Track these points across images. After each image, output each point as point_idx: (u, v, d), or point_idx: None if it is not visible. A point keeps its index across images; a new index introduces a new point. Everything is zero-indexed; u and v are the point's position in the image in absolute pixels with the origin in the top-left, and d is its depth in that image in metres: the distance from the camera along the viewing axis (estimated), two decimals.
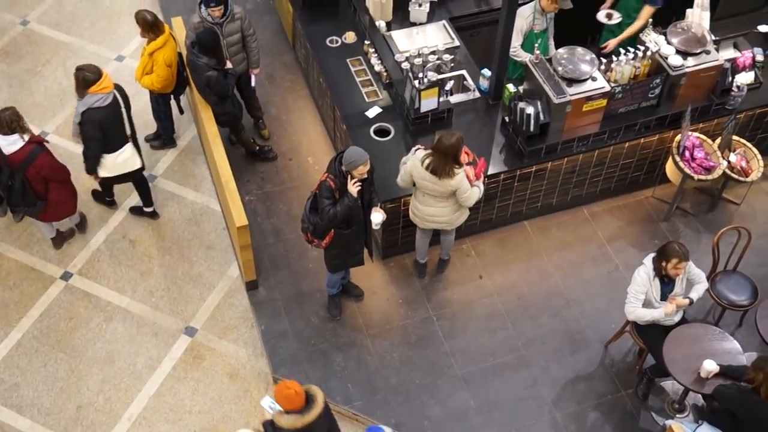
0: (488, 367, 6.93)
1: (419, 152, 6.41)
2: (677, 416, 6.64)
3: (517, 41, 7.62)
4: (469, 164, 6.44)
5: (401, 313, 7.25)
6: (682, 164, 7.33)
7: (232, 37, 7.59)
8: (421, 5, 8.04)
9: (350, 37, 8.11)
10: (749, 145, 7.64)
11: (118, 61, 9.31)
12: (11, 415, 6.71)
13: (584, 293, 7.39)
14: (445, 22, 8.09)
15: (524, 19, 7.60)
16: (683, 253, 6.08)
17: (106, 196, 7.93)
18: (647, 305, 6.30)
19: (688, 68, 7.24)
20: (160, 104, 8.01)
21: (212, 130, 7.44)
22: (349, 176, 6.11)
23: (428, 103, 7.17)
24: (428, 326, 7.16)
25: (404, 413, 6.66)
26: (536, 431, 6.61)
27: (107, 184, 7.65)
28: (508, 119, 7.27)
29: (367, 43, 7.92)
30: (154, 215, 7.94)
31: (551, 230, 7.81)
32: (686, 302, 6.30)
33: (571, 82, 6.98)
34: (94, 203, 8.00)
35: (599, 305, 7.30)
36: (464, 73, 7.69)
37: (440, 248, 7.36)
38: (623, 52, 7.18)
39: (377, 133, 7.34)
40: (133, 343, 7.13)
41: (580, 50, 7.12)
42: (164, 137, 8.44)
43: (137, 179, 7.60)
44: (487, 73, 7.48)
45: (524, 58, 7.52)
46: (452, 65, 7.68)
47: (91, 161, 7.17)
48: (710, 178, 7.33)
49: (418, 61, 7.41)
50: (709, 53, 7.31)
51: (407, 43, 7.87)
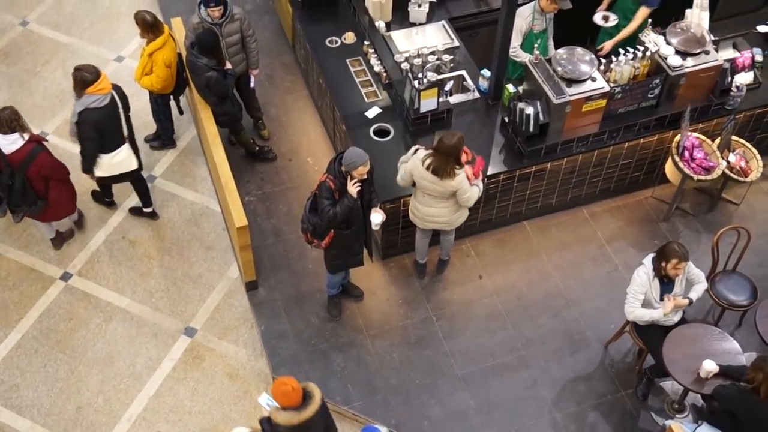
0: (488, 367, 6.93)
1: (420, 152, 6.40)
2: (677, 416, 6.64)
3: (516, 41, 7.61)
4: (467, 163, 6.44)
5: (401, 313, 7.25)
6: (681, 164, 7.33)
7: (231, 37, 7.59)
8: (420, 6, 8.04)
9: (350, 37, 8.11)
10: (748, 145, 7.65)
11: (117, 61, 9.31)
12: (11, 415, 6.71)
13: (584, 293, 7.39)
14: (444, 22, 8.09)
15: (524, 19, 7.60)
16: (683, 253, 6.08)
17: (105, 196, 7.93)
18: (647, 305, 6.30)
19: (687, 68, 7.24)
20: (159, 105, 8.01)
21: (212, 130, 7.44)
22: (348, 177, 6.11)
23: (428, 103, 7.17)
24: (428, 326, 7.16)
25: (404, 413, 6.66)
26: (536, 431, 6.61)
27: (104, 183, 7.64)
28: (507, 119, 7.27)
29: (366, 43, 7.92)
30: (153, 216, 7.94)
31: (551, 230, 7.81)
32: (686, 302, 6.30)
33: (570, 82, 6.98)
34: (93, 203, 8.00)
35: (599, 305, 7.30)
36: (464, 73, 7.69)
37: (440, 248, 7.36)
38: (623, 52, 7.19)
39: (377, 133, 7.34)
40: (132, 343, 7.13)
41: (579, 50, 7.12)
42: (164, 138, 8.45)
43: (134, 179, 7.61)
44: (486, 73, 7.48)
45: (524, 58, 7.52)
46: (452, 65, 7.68)
47: (87, 161, 7.17)
48: (710, 178, 7.34)
49: (417, 61, 7.41)
50: (708, 53, 7.31)
51: (407, 43, 7.87)
